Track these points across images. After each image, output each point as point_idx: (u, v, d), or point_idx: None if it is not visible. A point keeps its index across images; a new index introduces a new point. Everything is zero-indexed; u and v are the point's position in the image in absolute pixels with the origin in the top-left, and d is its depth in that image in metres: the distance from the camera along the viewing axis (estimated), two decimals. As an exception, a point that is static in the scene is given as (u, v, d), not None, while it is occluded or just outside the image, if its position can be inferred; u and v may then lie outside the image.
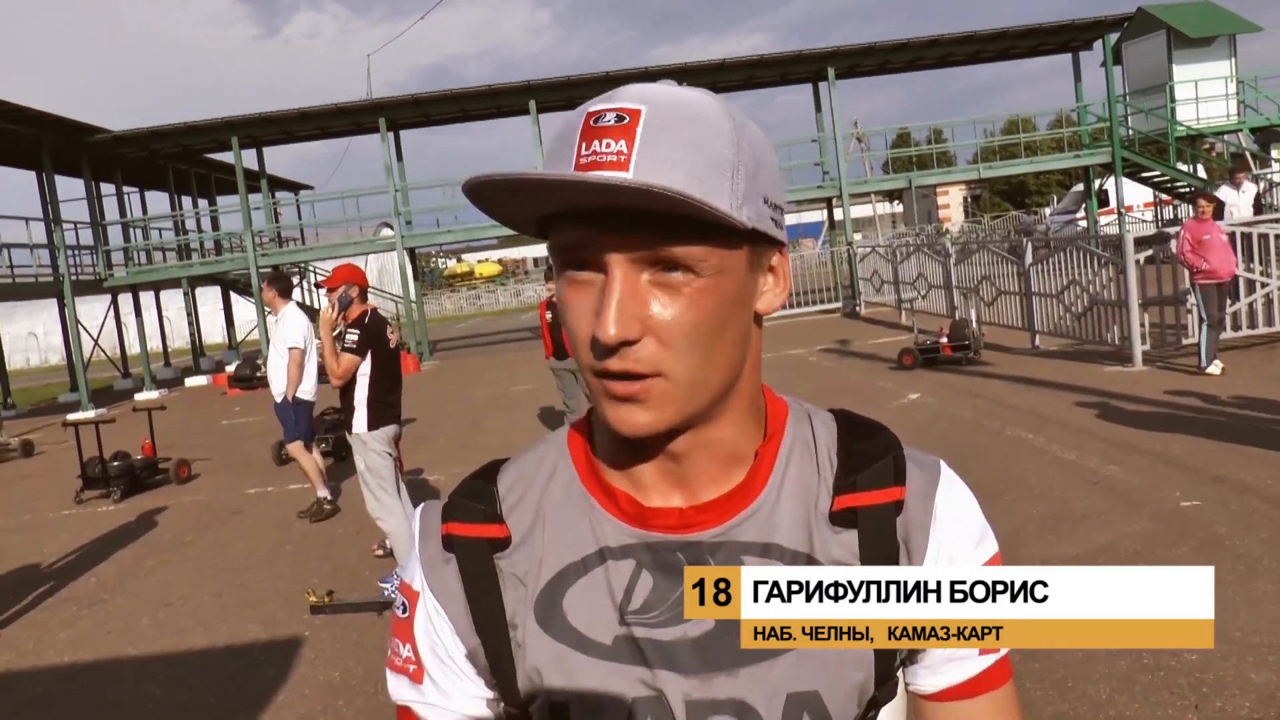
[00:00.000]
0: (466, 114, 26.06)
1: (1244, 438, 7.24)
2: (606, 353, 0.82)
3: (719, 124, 0.82)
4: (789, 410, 0.98)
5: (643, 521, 0.92)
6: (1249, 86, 24.42)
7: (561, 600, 0.93)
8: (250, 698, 4.95)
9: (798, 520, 0.92)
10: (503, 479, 0.99)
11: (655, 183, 0.74)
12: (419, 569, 0.99)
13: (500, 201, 0.83)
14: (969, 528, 0.95)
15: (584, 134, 0.82)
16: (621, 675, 0.91)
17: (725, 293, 0.84)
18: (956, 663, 0.96)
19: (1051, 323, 13.05)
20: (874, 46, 23.92)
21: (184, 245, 27.31)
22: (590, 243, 0.82)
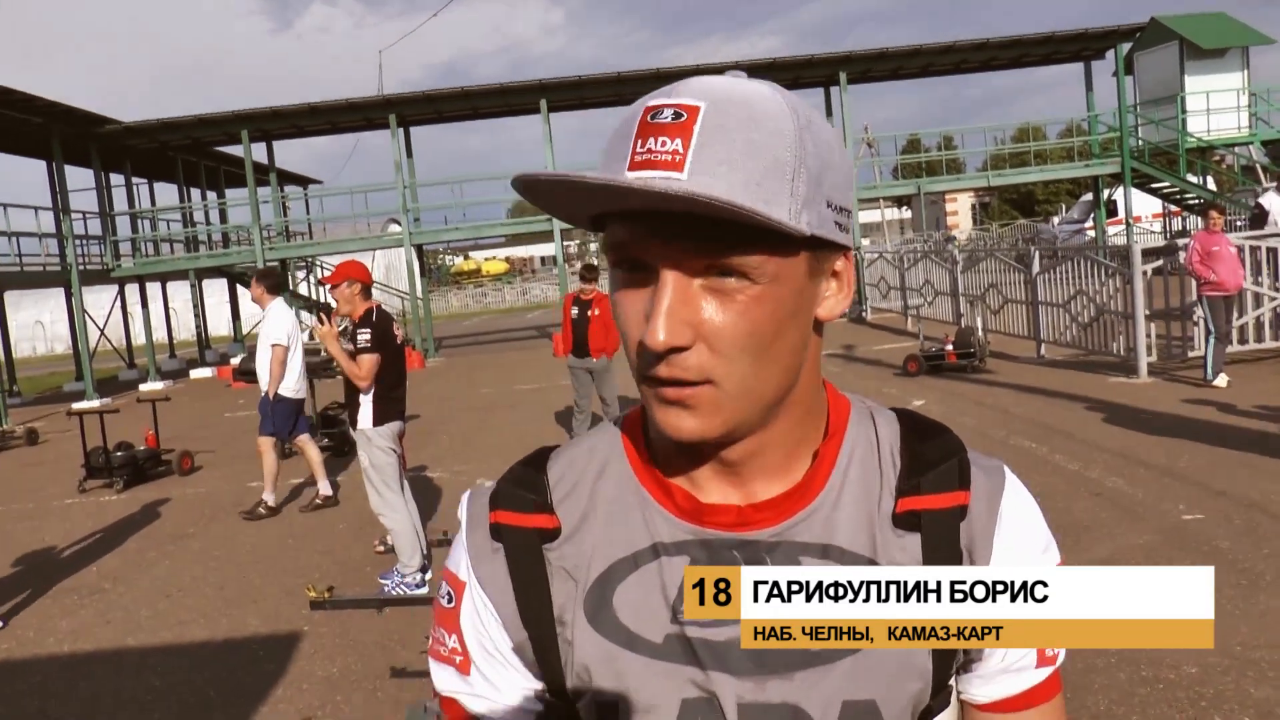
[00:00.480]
0: (477, 111, 26.07)
1: (1249, 451, 7.23)
2: (656, 359, 0.80)
3: (781, 124, 0.79)
4: (851, 408, 0.96)
5: (699, 518, 0.90)
6: (1261, 99, 24.36)
7: (612, 597, 0.91)
8: (249, 691, 4.95)
9: (859, 522, 0.89)
10: (552, 468, 0.97)
11: (704, 193, 0.72)
12: (465, 558, 0.96)
13: (552, 198, 0.81)
14: (1034, 535, 0.92)
15: (640, 130, 0.79)
16: (673, 675, 0.89)
17: (781, 301, 0.81)
18: (1012, 674, 0.94)
19: (1057, 332, 13.03)
20: (887, 52, 23.90)
21: (192, 237, 27.36)
22: (642, 244, 0.80)
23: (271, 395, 8.58)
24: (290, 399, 8.71)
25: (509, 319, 37.50)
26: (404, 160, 24.27)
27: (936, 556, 0.89)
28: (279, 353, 8.55)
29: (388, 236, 27.99)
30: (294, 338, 8.70)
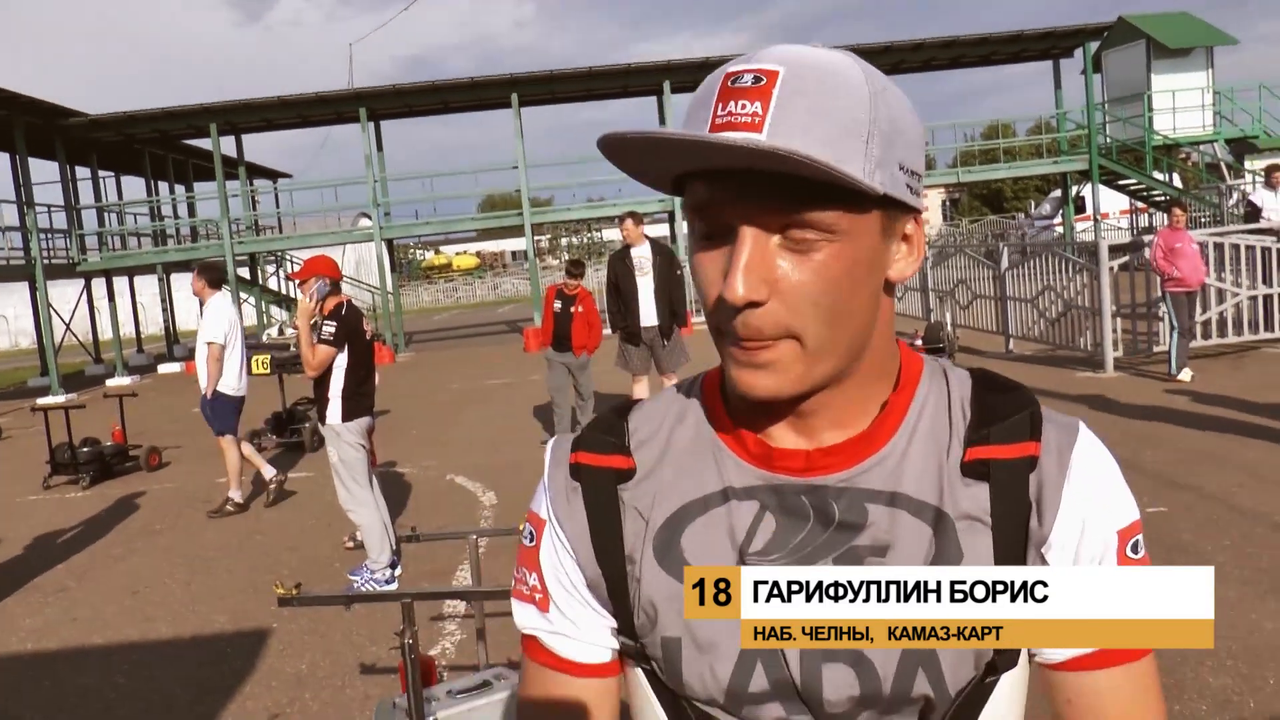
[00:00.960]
0: (448, 105, 25.97)
1: (1211, 445, 7.33)
2: (733, 313, 0.82)
3: (857, 89, 0.82)
4: (925, 366, 0.97)
5: (769, 463, 0.92)
6: (1225, 98, 24.67)
7: (680, 537, 0.93)
8: (216, 688, 4.92)
9: (928, 471, 0.90)
10: (635, 416, 1.01)
11: (785, 146, 0.75)
12: (546, 497, 1.00)
13: (635, 159, 0.84)
14: (1107, 491, 0.91)
15: (721, 94, 0.82)
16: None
17: (855, 258, 0.83)
18: None
19: (1025, 327, 13.15)
20: (858, 48, 23.95)
21: (159, 231, 27.11)
22: (722, 203, 0.82)
23: (209, 394, 8.40)
24: (230, 396, 8.52)
25: (480, 314, 37.40)
26: (374, 154, 24.13)
27: (1004, 506, 0.89)
28: (214, 351, 8.39)
29: (358, 231, 27.84)
30: (232, 334, 8.54)
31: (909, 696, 0.89)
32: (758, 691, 0.90)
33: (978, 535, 0.88)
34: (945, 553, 0.88)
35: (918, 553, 0.88)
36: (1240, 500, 6.03)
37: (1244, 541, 5.38)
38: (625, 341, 9.32)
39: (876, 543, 0.89)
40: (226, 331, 8.48)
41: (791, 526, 0.90)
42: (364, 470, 6.16)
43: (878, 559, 0.88)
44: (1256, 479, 6.41)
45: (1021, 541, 0.89)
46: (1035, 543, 0.89)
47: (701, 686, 0.92)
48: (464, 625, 5.39)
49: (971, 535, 0.88)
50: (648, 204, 23.29)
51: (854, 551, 0.89)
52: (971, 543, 0.88)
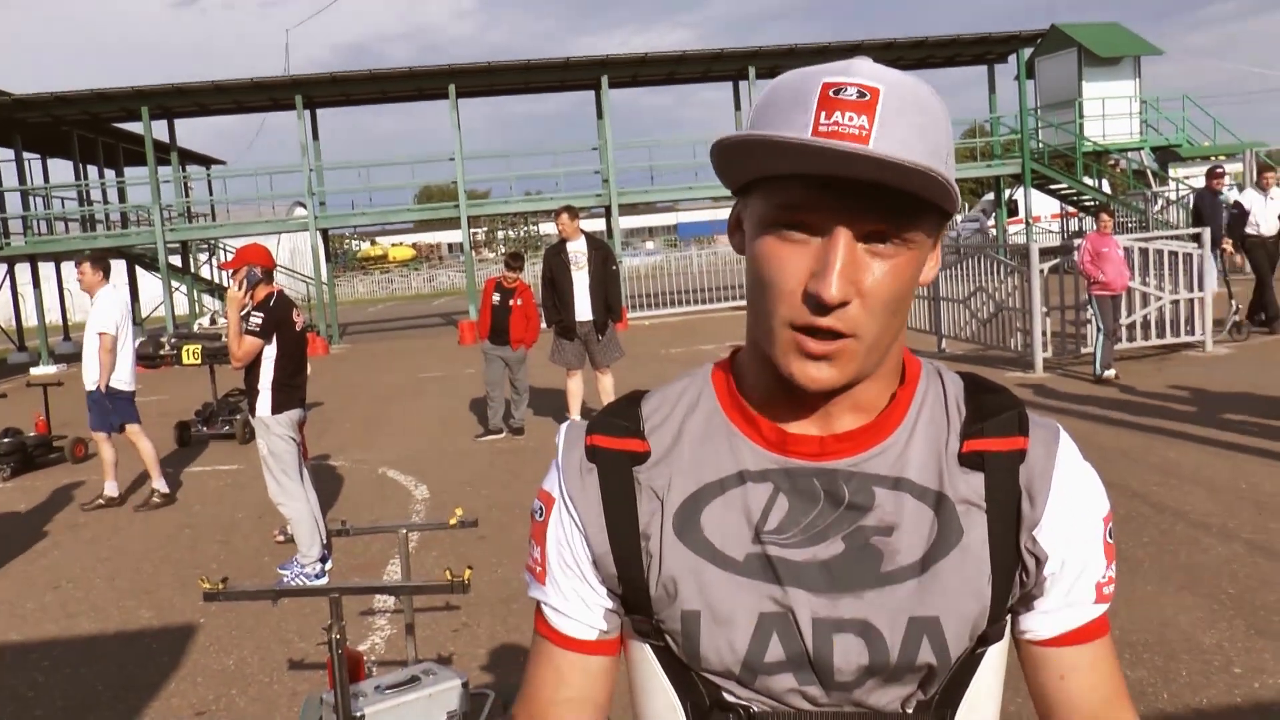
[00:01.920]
0: (386, 95, 25.72)
1: (1133, 444, 7.52)
2: (820, 311, 0.87)
3: (939, 112, 0.89)
4: (923, 366, 1.05)
5: (783, 448, 0.98)
6: (1151, 107, 25.29)
7: (699, 516, 0.98)
8: (141, 685, 4.83)
9: (929, 459, 0.98)
10: (647, 403, 1.05)
11: (911, 159, 0.80)
12: (558, 476, 1.05)
13: (742, 156, 0.88)
14: (1089, 483, 1.01)
15: (823, 103, 0.86)
16: (753, 590, 0.96)
17: (918, 265, 0.91)
18: (1075, 609, 1.01)
19: (958, 327, 13.36)
20: (796, 48, 24.18)
21: (88, 216, 26.47)
22: (819, 206, 0.86)
23: (103, 387, 8.17)
24: (123, 391, 8.32)
25: (415, 305, 37.09)
26: (310, 142, 23.81)
27: (997, 492, 0.97)
28: (107, 341, 8.16)
29: (293, 220, 27.44)
30: (124, 326, 8.33)
31: (913, 665, 0.95)
32: (772, 662, 0.96)
33: (974, 517, 0.96)
34: (946, 531, 0.96)
35: (920, 531, 0.96)
36: (1160, 498, 6.20)
37: (1162, 538, 5.54)
38: (560, 336, 9.31)
39: (883, 523, 0.96)
40: (118, 322, 8.25)
41: (803, 507, 0.96)
42: (294, 463, 6.08)
43: (884, 537, 0.96)
44: (1176, 477, 6.60)
45: (1014, 523, 0.97)
46: (1028, 525, 0.98)
47: (718, 658, 0.97)
48: (394, 620, 5.35)
49: (969, 517, 0.96)
50: (584, 199, 23.28)
51: (862, 531, 0.96)
52: (969, 523, 0.96)
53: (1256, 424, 7.77)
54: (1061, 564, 0.99)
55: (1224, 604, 4.63)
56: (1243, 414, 8.14)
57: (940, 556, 0.95)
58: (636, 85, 27.50)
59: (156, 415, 13.42)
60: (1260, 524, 5.59)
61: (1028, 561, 0.98)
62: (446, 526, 3.96)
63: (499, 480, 8.30)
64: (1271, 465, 6.66)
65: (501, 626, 5.14)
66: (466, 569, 3.31)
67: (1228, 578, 4.92)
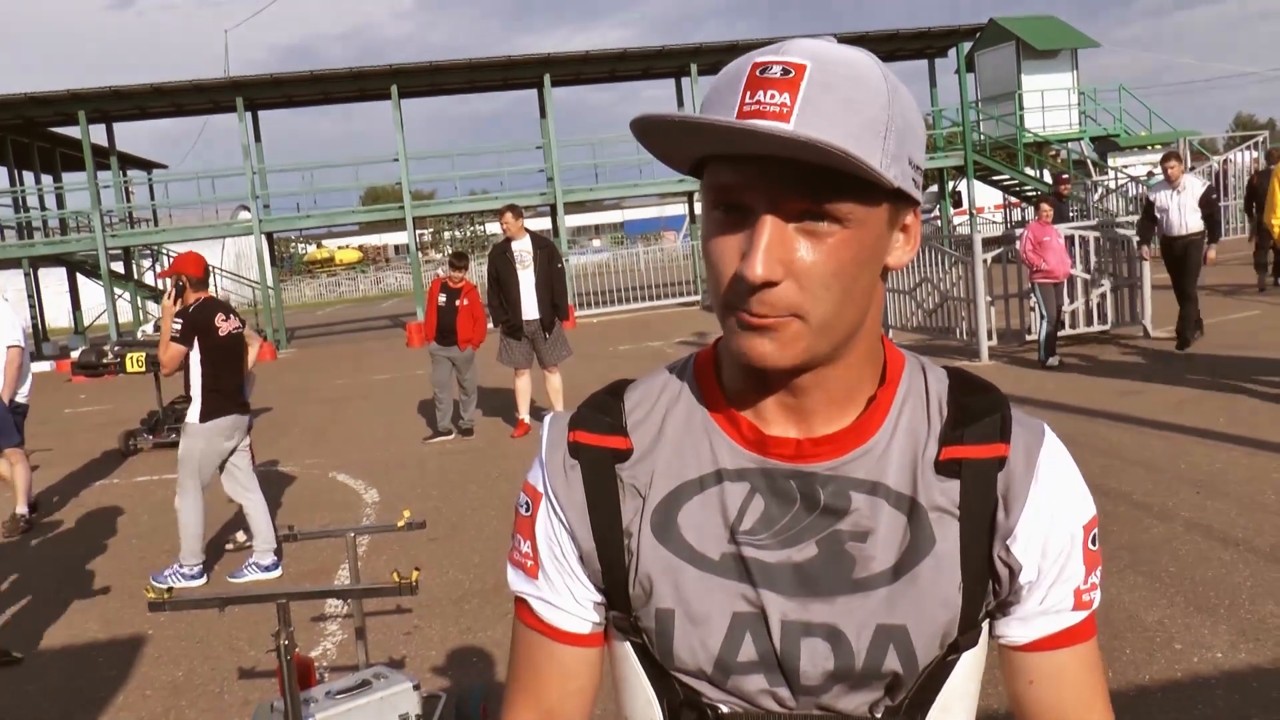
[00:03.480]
0: (328, 96, 25.46)
1: (1078, 428, 7.65)
2: (749, 291, 0.86)
3: (877, 85, 0.86)
4: (906, 361, 1.02)
5: (762, 448, 0.97)
6: (1089, 98, 25.73)
7: (677, 515, 0.98)
8: (87, 700, 4.75)
9: (905, 464, 0.96)
10: (629, 396, 1.04)
11: (819, 137, 0.78)
12: (543, 472, 1.04)
13: (665, 141, 0.87)
14: (1070, 489, 0.98)
15: (749, 83, 0.85)
16: (726, 590, 0.96)
17: (863, 246, 0.88)
18: (1051, 615, 0.99)
19: (904, 318, 13.51)
20: (737, 44, 24.27)
21: (25, 223, 25.92)
22: (745, 186, 0.85)
23: (8, 399, 7.80)
24: (22, 404, 8.07)
25: (363, 308, 36.77)
26: (252, 145, 23.50)
27: (972, 500, 0.96)
28: (15, 355, 7.84)
29: (237, 224, 27.09)
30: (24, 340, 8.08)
31: (879, 672, 0.95)
32: (745, 662, 0.96)
33: (947, 525, 0.95)
34: (919, 538, 0.95)
35: (894, 538, 0.95)
36: (1104, 481, 6.31)
37: (1106, 519, 5.64)
38: (507, 335, 9.29)
39: (858, 528, 0.95)
40: (19, 337, 7.96)
41: (779, 509, 0.95)
42: (197, 469, 6.09)
43: (858, 543, 0.95)
44: (1120, 460, 6.72)
45: (987, 532, 0.96)
46: (1001, 534, 0.96)
47: (691, 658, 0.97)
48: (345, 625, 5.31)
49: (942, 525, 0.95)
50: (528, 197, 23.22)
51: (837, 535, 0.95)
52: (942, 531, 0.95)
53: (1194, 406, 7.94)
54: (1038, 573, 0.97)
55: (1165, 582, 4.73)
56: (1181, 397, 8.31)
57: (912, 565, 0.94)
58: (579, 83, 27.49)
59: (100, 424, 13.20)
60: (1199, 503, 5.72)
61: (1000, 571, 0.97)
62: (394, 529, 3.94)
63: (450, 481, 8.26)
64: (1209, 446, 6.82)
65: (454, 628, 5.12)
66: (414, 570, 3.30)
67: (1168, 556, 5.03)
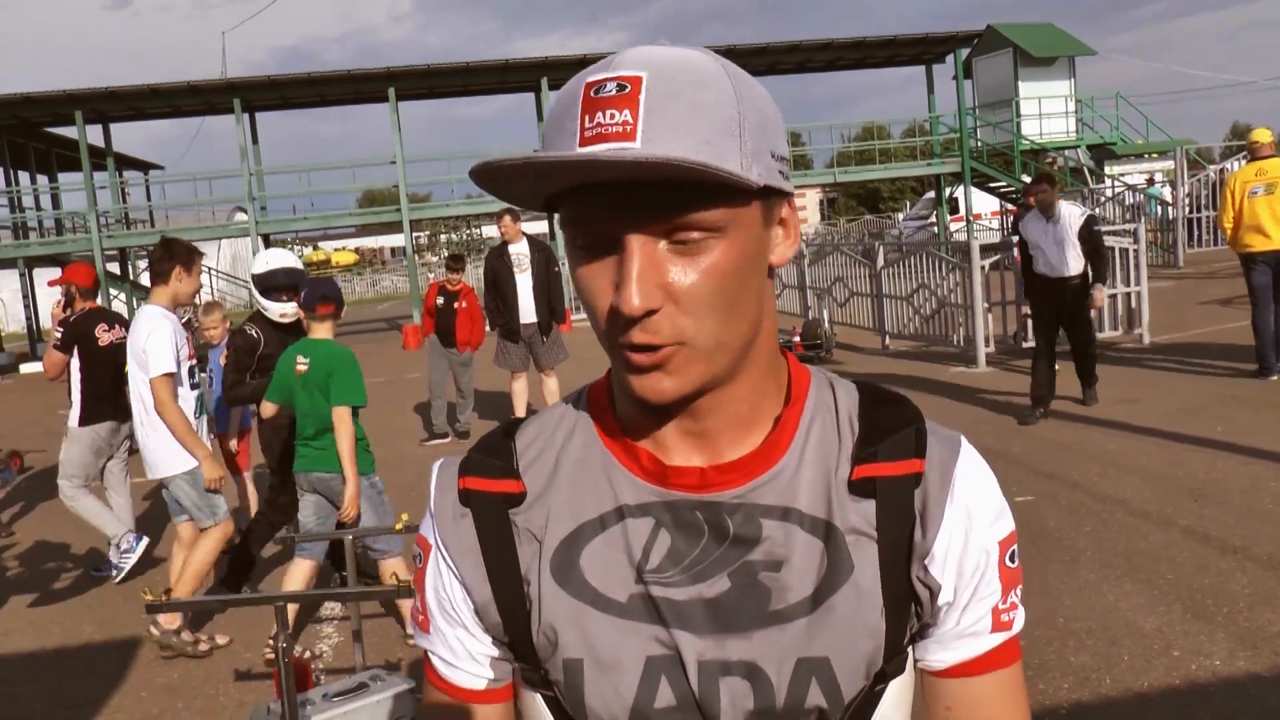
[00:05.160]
0: (325, 99, 25.50)
1: (1074, 437, 7.66)
2: (629, 324, 0.81)
3: (720, 84, 0.81)
4: (812, 378, 0.98)
5: (663, 480, 0.91)
6: (1086, 105, 25.79)
7: (578, 557, 0.92)
8: (82, 701, 4.73)
9: (818, 487, 0.91)
10: (522, 435, 0.99)
11: (664, 154, 0.74)
12: (433, 523, 0.99)
13: (510, 185, 0.82)
14: (986, 504, 0.94)
15: (585, 106, 0.80)
16: (637, 633, 0.90)
17: (742, 253, 0.83)
18: (969, 639, 0.95)
19: (901, 324, 13.51)
20: (734, 49, 24.33)
21: (20, 223, 25.87)
22: (603, 216, 0.80)
23: None
24: None
25: (359, 310, 36.69)
26: (249, 146, 23.50)
27: (889, 520, 0.91)
28: None
29: (233, 225, 27.07)
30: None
31: (802, 709, 0.90)
32: (662, 709, 0.90)
33: (865, 548, 0.90)
34: (836, 565, 0.90)
35: (810, 566, 0.90)
36: (1100, 488, 6.32)
37: (1102, 527, 5.64)
38: (504, 339, 9.28)
39: (771, 557, 0.90)
40: None
41: (687, 543, 0.90)
42: (79, 473, 6.16)
43: (772, 573, 0.90)
44: (1115, 468, 6.72)
45: (905, 553, 0.92)
46: (919, 555, 0.92)
47: (604, 708, 0.91)
48: (341, 628, 5.29)
49: (859, 548, 0.90)
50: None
51: (749, 566, 0.90)
52: (860, 555, 0.90)
53: (1192, 415, 7.94)
54: (954, 593, 0.93)
55: (1163, 589, 4.73)
56: (1178, 406, 8.32)
57: (831, 592, 0.89)
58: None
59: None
60: (1196, 511, 5.72)
61: (920, 593, 0.93)
62: (393, 531, 3.93)
63: (447, 484, 8.23)
64: (1206, 454, 6.82)
65: (452, 631, 5.10)
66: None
67: (1166, 563, 5.03)
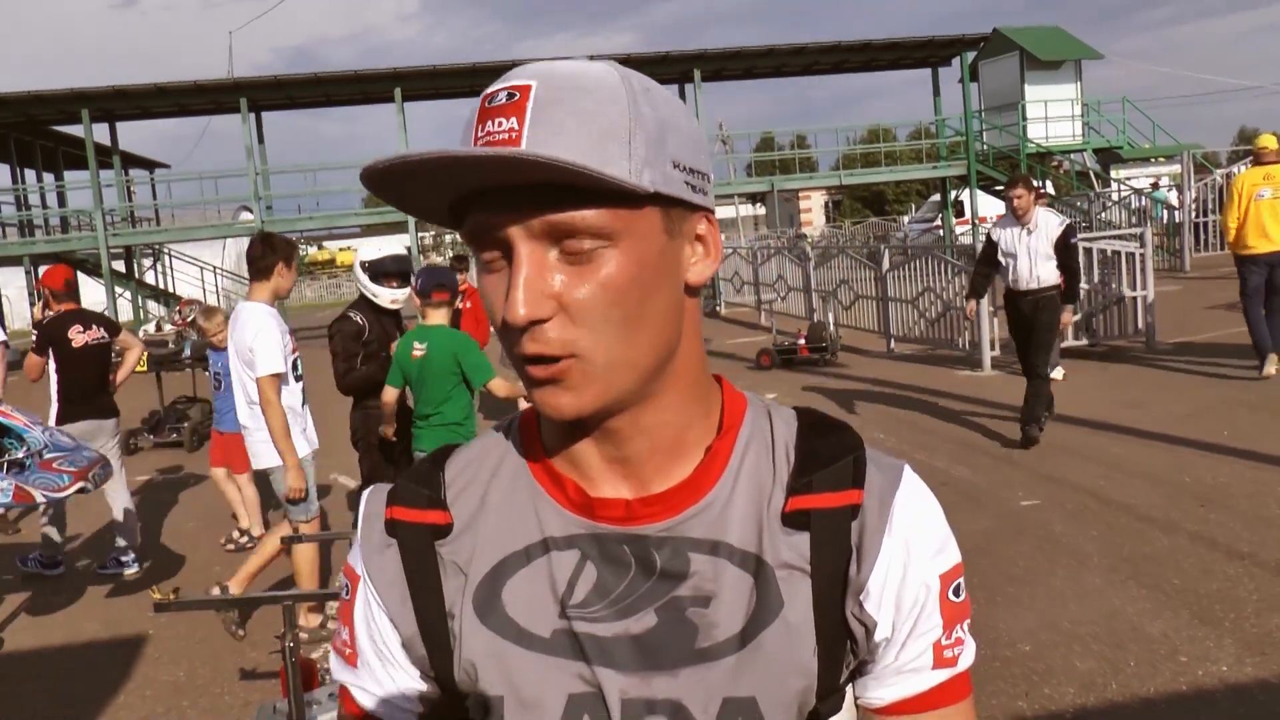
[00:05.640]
0: (330, 99, 25.53)
1: (1080, 441, 7.64)
2: (519, 335, 0.79)
3: (613, 91, 0.80)
4: (748, 405, 0.95)
5: (589, 512, 0.88)
6: (1092, 109, 25.76)
7: (501, 591, 0.89)
8: (87, 699, 4.74)
9: (749, 520, 0.88)
10: (451, 465, 0.96)
11: (535, 152, 0.73)
12: (360, 553, 0.95)
13: (402, 192, 0.81)
14: (928, 535, 0.90)
15: (479, 115, 0.81)
16: (559, 670, 0.87)
17: (641, 262, 0.80)
18: (909, 675, 0.91)
19: (906, 327, 13.50)
20: (741, 51, 24.35)
21: (26, 221, 25.92)
22: (493, 224, 0.79)
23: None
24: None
25: (366, 311, 36.70)
26: (255, 146, 23.53)
27: (823, 554, 0.88)
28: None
29: (239, 224, 27.09)
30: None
31: None
32: None
33: (797, 584, 0.87)
34: (766, 601, 0.87)
35: (740, 602, 0.87)
36: (1106, 493, 6.31)
37: (1109, 532, 5.63)
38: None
39: (699, 592, 0.87)
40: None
41: (613, 577, 0.87)
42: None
43: (700, 609, 0.87)
44: (1121, 473, 6.71)
45: (840, 588, 0.88)
46: (853, 590, 0.88)
47: None
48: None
49: (791, 584, 0.87)
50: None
51: (676, 601, 0.87)
52: (791, 591, 0.87)
53: (1198, 420, 7.93)
54: (892, 628, 0.89)
55: (1169, 594, 4.72)
56: (1185, 411, 8.30)
57: (760, 630, 0.86)
58: (585, 88, 27.51)
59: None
60: (1202, 516, 5.71)
61: (855, 629, 0.89)
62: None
63: (452, 485, 8.23)
64: (1212, 459, 6.80)
65: (457, 631, 5.10)
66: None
67: (1172, 568, 5.02)
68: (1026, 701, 3.89)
